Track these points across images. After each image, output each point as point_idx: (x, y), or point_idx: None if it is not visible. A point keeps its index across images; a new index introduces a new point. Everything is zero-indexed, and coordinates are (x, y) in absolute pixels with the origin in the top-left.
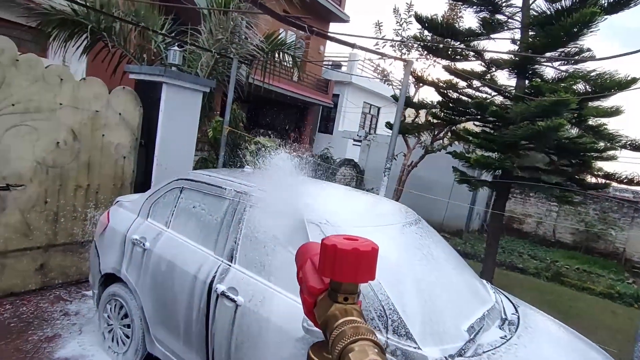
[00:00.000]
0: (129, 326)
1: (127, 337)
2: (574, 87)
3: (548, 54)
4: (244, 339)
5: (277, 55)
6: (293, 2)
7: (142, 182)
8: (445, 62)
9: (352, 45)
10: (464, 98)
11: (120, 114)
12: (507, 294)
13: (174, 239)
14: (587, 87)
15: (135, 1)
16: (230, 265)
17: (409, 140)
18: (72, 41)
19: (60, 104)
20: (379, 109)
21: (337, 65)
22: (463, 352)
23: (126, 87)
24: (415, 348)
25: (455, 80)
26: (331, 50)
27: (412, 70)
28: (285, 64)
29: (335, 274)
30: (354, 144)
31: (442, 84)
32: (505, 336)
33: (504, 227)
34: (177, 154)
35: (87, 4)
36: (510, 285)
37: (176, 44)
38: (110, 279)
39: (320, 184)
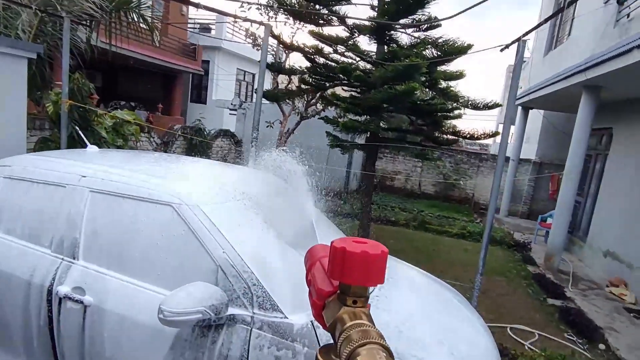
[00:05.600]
0: None
1: None
2: (425, 52)
3: (402, 21)
4: (99, 343)
5: (123, 15)
6: None
7: None
8: (311, 27)
9: (197, 5)
10: (330, 63)
11: None
12: None
13: None
14: (436, 52)
15: None
16: (72, 263)
17: (284, 108)
18: None
19: None
20: (253, 75)
21: (205, 29)
22: None
23: None
24: (282, 318)
25: (321, 45)
26: (197, 12)
27: (278, 35)
28: (138, 25)
29: (344, 277)
30: (230, 113)
31: (308, 49)
32: None
33: (377, 185)
34: (1, 135)
35: None
36: (385, 236)
37: None
38: None
39: (183, 163)
